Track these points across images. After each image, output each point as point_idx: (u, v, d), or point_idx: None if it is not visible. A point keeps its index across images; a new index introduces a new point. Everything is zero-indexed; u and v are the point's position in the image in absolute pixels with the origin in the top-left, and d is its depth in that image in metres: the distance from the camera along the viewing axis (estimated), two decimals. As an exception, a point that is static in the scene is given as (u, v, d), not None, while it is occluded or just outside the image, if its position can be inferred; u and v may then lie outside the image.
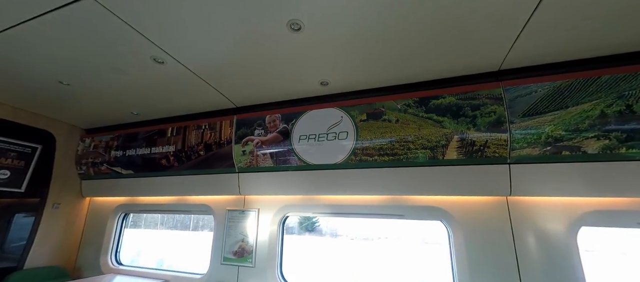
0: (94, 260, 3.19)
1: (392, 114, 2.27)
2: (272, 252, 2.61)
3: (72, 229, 3.32)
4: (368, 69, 2.12)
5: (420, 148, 2.17)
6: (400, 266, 8.26)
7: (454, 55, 1.90)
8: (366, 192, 2.41)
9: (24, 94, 2.57)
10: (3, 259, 2.76)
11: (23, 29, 1.67)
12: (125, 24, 1.61)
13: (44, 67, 2.10)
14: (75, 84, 2.37)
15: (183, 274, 2.90)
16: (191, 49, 1.87)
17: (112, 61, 2.02)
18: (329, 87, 2.41)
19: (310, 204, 2.66)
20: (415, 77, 2.22)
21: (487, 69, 2.06)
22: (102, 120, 3.25)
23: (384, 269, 8.19)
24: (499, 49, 1.81)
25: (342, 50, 1.87)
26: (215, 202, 2.99)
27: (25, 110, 2.92)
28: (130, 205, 3.34)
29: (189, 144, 2.91)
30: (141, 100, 2.71)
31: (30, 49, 1.87)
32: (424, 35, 1.68)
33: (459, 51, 1.85)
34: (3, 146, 2.75)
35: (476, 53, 1.87)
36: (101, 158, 3.27)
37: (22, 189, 2.89)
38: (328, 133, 2.43)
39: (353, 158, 2.37)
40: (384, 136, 2.26)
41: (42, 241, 3.00)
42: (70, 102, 2.74)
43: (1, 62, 2.03)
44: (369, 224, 8.14)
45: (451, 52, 1.87)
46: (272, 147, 2.61)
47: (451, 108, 2.10)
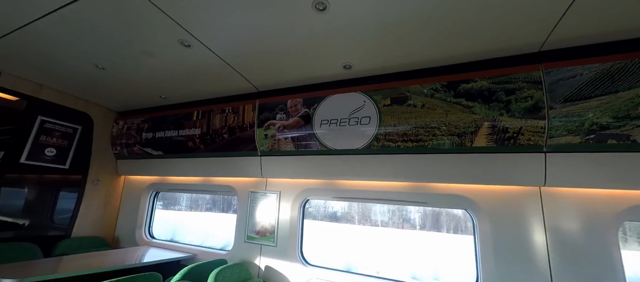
0: (130, 233, 3.47)
1: (418, 99, 2.19)
2: (293, 234, 2.69)
3: (110, 204, 3.61)
4: (394, 52, 2.04)
5: (446, 134, 2.09)
6: (424, 254, 8.23)
7: (490, 36, 1.77)
8: (388, 178, 2.38)
9: (66, 78, 2.76)
10: (53, 229, 3.07)
11: (65, 12, 1.76)
12: (154, 5, 1.65)
13: (82, 51, 2.23)
14: (109, 68, 2.50)
15: (210, 249, 3.08)
16: (216, 32, 1.89)
17: (141, 44, 2.09)
18: (352, 70, 2.36)
19: (331, 189, 2.68)
20: (445, 60, 2.10)
21: (526, 51, 1.90)
22: (134, 104, 3.42)
23: (407, 257, 8.20)
24: (541, 28, 1.66)
25: (368, 31, 1.80)
26: (239, 183, 3.10)
27: (68, 93, 3.14)
28: (161, 184, 3.55)
29: (214, 128, 3.00)
30: (169, 84, 2.81)
31: (71, 32, 1.98)
32: (458, 15, 1.58)
33: (496, 32, 1.72)
34: (50, 126, 3.00)
35: (515, 33, 1.73)
36: (133, 139, 3.47)
37: (67, 166, 3.16)
38: (350, 118, 2.40)
39: (375, 144, 2.33)
40: (408, 122, 2.19)
41: (85, 213, 3.30)
42: (105, 86, 2.90)
43: (47, 44, 2.17)
44: (395, 210, 8.09)
45: (487, 33, 1.74)
46: (294, 131, 2.62)
47: (483, 93, 1.98)
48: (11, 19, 1.88)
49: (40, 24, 1.88)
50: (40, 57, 2.35)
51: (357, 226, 9.89)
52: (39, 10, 1.76)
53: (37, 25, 1.90)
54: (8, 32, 2.01)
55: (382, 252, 8.53)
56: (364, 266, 7.24)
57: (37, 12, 1.78)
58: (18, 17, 1.85)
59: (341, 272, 2.47)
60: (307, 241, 2.78)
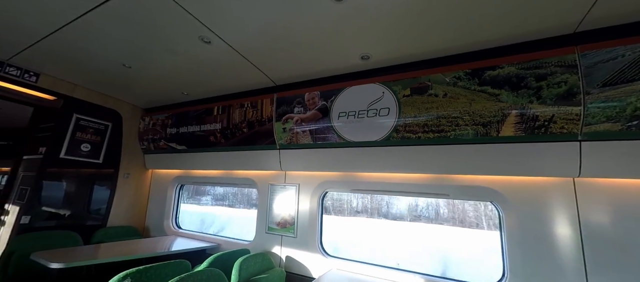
0: (159, 223, 3.67)
1: (440, 88, 2.12)
2: (313, 226, 2.73)
3: (140, 196, 3.83)
4: (414, 40, 1.98)
5: (470, 124, 2.01)
6: (447, 249, 8.07)
7: (519, 18, 1.67)
8: (408, 170, 2.34)
9: (96, 77, 2.92)
10: (90, 219, 3.32)
11: (94, 15, 1.85)
12: (177, 4, 1.70)
13: (110, 51, 2.34)
14: (135, 66, 2.61)
15: (233, 239, 3.20)
16: (235, 27, 1.92)
17: (165, 42, 2.17)
18: (370, 61, 2.32)
19: (350, 181, 2.68)
20: (468, 46, 2.01)
21: (559, 32, 1.77)
22: (158, 100, 3.57)
23: (428, 252, 8.08)
24: (576, 7, 1.54)
25: (386, 20, 1.76)
26: (259, 176, 3.18)
27: (97, 91, 3.33)
28: (185, 177, 3.71)
29: (234, 122, 3.08)
30: (190, 81, 2.90)
31: (100, 34, 2.09)
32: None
33: (525, 13, 1.62)
34: (84, 123, 3.21)
35: (546, 14, 1.61)
36: (159, 135, 3.64)
37: (100, 160, 3.38)
38: (368, 110, 2.37)
39: (395, 135, 2.29)
40: (429, 112, 2.13)
41: (117, 205, 3.52)
42: (132, 84, 3.05)
43: (79, 46, 2.31)
44: (418, 204, 7.94)
45: (515, 16, 1.64)
46: (311, 124, 2.63)
47: (510, 79, 1.88)
48: (46, 24, 2.01)
49: (72, 27, 2.00)
50: (73, 58, 2.50)
51: (376, 220, 9.85)
52: (71, 14, 1.86)
53: (70, 28, 2.01)
54: (44, 36, 2.15)
55: (402, 245, 8.46)
56: (383, 258, 7.25)
57: (70, 16, 1.89)
58: (52, 22, 1.97)
59: (361, 263, 2.49)
60: (325, 235, 2.81)
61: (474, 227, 8.31)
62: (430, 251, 7.89)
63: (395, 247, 8.30)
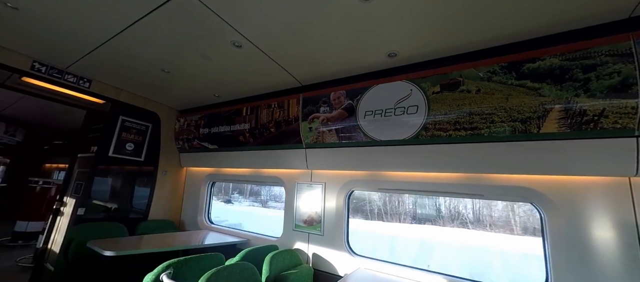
0: (193, 218, 3.90)
1: (472, 84, 2.03)
2: (339, 224, 2.74)
3: (176, 192, 4.10)
4: (444, 35, 1.92)
5: (507, 121, 1.91)
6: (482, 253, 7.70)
7: (561, 5, 1.55)
8: (439, 169, 2.27)
9: (138, 82, 3.18)
10: (133, 212, 3.62)
11: (138, 26, 2.03)
12: (212, 12, 1.80)
13: (152, 58, 2.54)
14: (173, 71, 2.81)
15: (261, 235, 3.31)
16: (264, 30, 1.99)
17: (200, 48, 2.30)
18: (397, 58, 2.28)
19: (377, 180, 2.66)
20: (504, 38, 1.91)
21: (611, 18, 1.62)
22: (192, 102, 3.80)
23: (461, 256, 7.76)
24: (633, -11, 1.40)
25: (414, 15, 1.72)
26: (286, 174, 3.26)
27: (139, 95, 3.62)
28: (216, 175, 3.91)
29: (262, 122, 3.18)
30: (221, 83, 3.05)
31: (143, 42, 2.28)
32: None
33: None
34: (128, 124, 3.52)
35: (596, -1, 1.48)
36: (192, 135, 3.86)
37: (142, 159, 3.67)
38: (395, 108, 2.33)
39: (424, 133, 2.24)
40: (461, 109, 2.05)
41: (156, 200, 3.80)
42: (169, 87, 3.27)
43: (124, 54, 2.53)
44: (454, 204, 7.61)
45: (557, 2, 1.53)
46: (337, 123, 2.65)
47: (553, 71, 1.76)
48: (97, 36, 2.23)
49: (120, 37, 2.20)
50: (120, 65, 2.75)
51: (406, 224, 9.61)
52: (119, 26, 2.05)
53: (118, 39, 2.22)
54: (96, 46, 2.39)
55: (434, 248, 8.18)
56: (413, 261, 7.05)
57: (118, 28, 2.08)
58: (103, 34, 2.19)
59: (389, 263, 2.45)
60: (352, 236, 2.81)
61: (501, 231, 7.76)
62: (459, 254, 7.53)
63: (424, 250, 8.06)
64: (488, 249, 7.77)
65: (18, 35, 2.32)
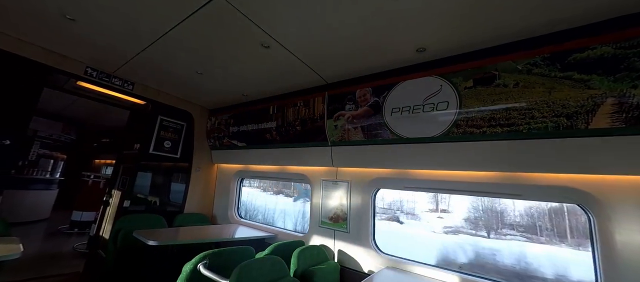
0: (224, 212, 4.11)
1: (510, 77, 1.91)
2: (365, 222, 2.74)
3: (208, 188, 4.34)
4: (476, 27, 1.82)
5: (549, 116, 1.77)
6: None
7: (618, -13, 1.40)
8: (472, 167, 2.17)
9: (174, 83, 3.41)
10: (171, 205, 3.89)
11: (175, 32, 2.17)
12: (243, 15, 1.88)
13: (187, 61, 2.71)
14: (205, 73, 2.97)
15: (288, 231, 3.40)
16: (291, 30, 2.03)
17: (231, 50, 2.41)
18: (426, 53, 2.21)
19: (404, 178, 2.60)
20: (546, 27, 1.77)
21: (678, 0, 1.44)
22: (222, 102, 3.99)
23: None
24: None
25: (445, 8, 1.66)
26: (312, 172, 3.31)
27: (175, 96, 3.87)
28: (245, 171, 4.08)
29: (288, 120, 3.26)
30: (250, 83, 3.17)
31: (180, 46, 2.43)
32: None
33: (628, -20, 1.35)
34: (166, 123, 3.79)
35: (660, -22, 1.32)
36: (223, 133, 4.06)
37: (178, 156, 3.94)
38: (424, 104, 2.27)
39: (455, 130, 2.15)
40: (496, 104, 1.94)
41: (191, 194, 4.06)
42: (202, 88, 3.46)
43: (162, 58, 2.73)
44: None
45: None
46: (363, 121, 2.63)
47: (605, 61, 1.60)
48: (140, 43, 2.43)
49: (159, 43, 2.38)
50: (159, 68, 2.97)
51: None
52: (158, 32, 2.22)
53: (157, 44, 2.40)
54: (138, 52, 2.60)
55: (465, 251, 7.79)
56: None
57: (158, 34, 2.25)
58: (144, 41, 2.38)
59: (418, 264, 2.40)
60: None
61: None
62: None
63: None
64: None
65: (74, 43, 2.59)
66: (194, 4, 1.83)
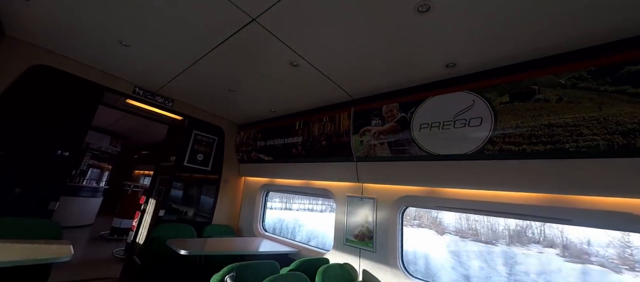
0: (249, 225, 4.19)
1: (551, 92, 1.79)
2: (392, 242, 2.62)
3: (235, 200, 4.48)
4: (511, 40, 1.75)
5: (601, 133, 1.61)
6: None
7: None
8: (510, 188, 2.02)
9: (209, 100, 3.65)
10: (200, 216, 4.05)
11: (213, 54, 2.35)
12: (274, 37, 1.99)
13: (221, 79, 2.90)
14: (237, 90, 3.14)
15: (313, 247, 3.36)
16: (319, 49, 2.11)
17: (261, 69, 2.54)
18: (457, 69, 2.15)
19: (434, 197, 2.48)
20: (593, 38, 1.65)
21: None
22: (251, 117, 4.16)
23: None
24: None
25: (479, 22, 1.62)
26: (336, 187, 3.28)
27: (208, 111, 4.13)
28: (271, 185, 4.16)
29: (313, 135, 3.30)
30: (278, 100, 3.29)
31: (216, 67, 2.62)
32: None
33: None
34: (200, 137, 4.03)
35: None
36: (251, 147, 4.21)
37: (209, 168, 4.13)
38: (455, 120, 2.18)
39: (490, 148, 2.03)
40: (537, 121, 1.81)
41: (219, 206, 4.21)
42: (233, 104, 3.66)
43: (199, 78, 2.95)
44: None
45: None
46: (390, 136, 2.59)
47: (666, 74, 1.44)
48: (179, 65, 2.66)
49: (197, 65, 2.58)
50: (195, 87, 3.20)
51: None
52: (197, 55, 2.42)
53: (196, 66, 2.61)
54: (177, 73, 2.85)
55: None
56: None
57: (196, 57, 2.45)
58: (183, 63, 2.60)
59: (450, 290, 2.23)
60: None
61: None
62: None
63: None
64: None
65: (126, 66, 2.90)
66: (231, 27, 1.98)
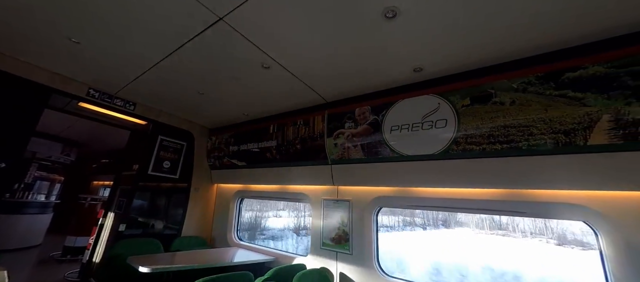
0: (223, 234, 4.01)
1: (506, 96, 1.95)
2: (368, 243, 2.67)
3: (207, 209, 4.26)
4: (471, 48, 1.89)
5: (547, 133, 1.79)
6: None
7: (608, 9, 1.47)
8: (473, 184, 2.16)
9: (176, 103, 3.45)
10: (168, 228, 3.79)
11: (180, 53, 2.23)
12: (244, 38, 1.94)
13: (189, 81, 2.76)
14: (207, 93, 3.01)
15: (289, 254, 3.30)
16: (291, 52, 2.10)
17: (232, 71, 2.47)
18: (423, 73, 2.27)
19: (406, 196, 2.57)
20: (539, 48, 1.83)
21: (662, 21, 1.50)
22: (223, 121, 4.01)
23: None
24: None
25: (441, 30, 1.73)
26: (312, 191, 3.27)
27: (176, 115, 3.90)
28: (245, 191, 4.02)
29: (288, 139, 3.27)
30: (250, 103, 3.21)
31: (183, 68, 2.49)
32: (558, -8, 1.37)
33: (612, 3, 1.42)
34: (166, 143, 3.79)
35: (643, 1, 1.39)
36: (223, 152, 4.05)
37: (177, 176, 3.90)
38: (423, 122, 2.29)
39: (454, 148, 2.16)
40: (494, 122, 1.97)
41: (189, 216, 3.97)
42: (203, 108, 3.50)
43: (165, 79, 2.77)
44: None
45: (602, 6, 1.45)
46: (363, 139, 2.64)
47: (598, 80, 1.64)
48: (143, 64, 2.48)
49: (162, 64, 2.43)
50: (161, 89, 3.01)
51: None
52: (162, 54, 2.28)
53: (160, 65, 2.45)
54: (141, 73, 2.65)
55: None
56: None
57: (161, 56, 2.30)
58: (147, 62, 2.43)
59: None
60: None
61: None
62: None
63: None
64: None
65: (78, 65, 2.64)
66: (196, 28, 1.90)
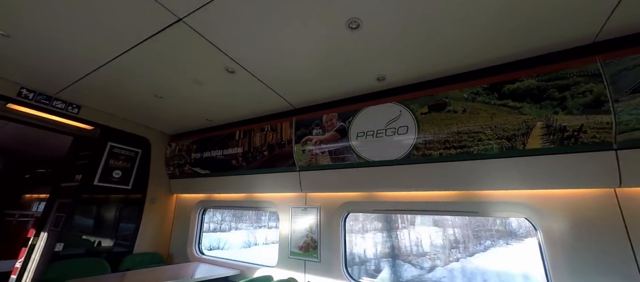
0: (182, 249, 3.71)
1: (458, 104, 2.13)
2: (336, 249, 2.67)
3: (165, 222, 3.92)
4: (429, 60, 2.04)
5: (493, 138, 1.98)
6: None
7: (536, 32, 1.70)
8: (432, 187, 2.30)
9: (130, 107, 3.16)
10: (118, 245, 3.41)
11: (133, 52, 2.06)
12: (205, 39, 1.87)
13: (145, 84, 2.56)
14: (165, 97, 2.82)
15: (256, 265, 3.16)
16: (256, 57, 2.07)
17: (193, 74, 2.35)
18: (386, 82, 2.39)
19: (372, 201, 2.64)
20: (485, 62, 2.05)
21: (578, 43, 1.78)
22: (184, 127, 3.78)
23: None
24: (595, 17, 1.56)
25: (401, 41, 1.84)
26: (280, 199, 3.20)
27: (130, 120, 3.58)
28: (208, 201, 3.79)
29: (255, 146, 3.18)
30: (214, 108, 3.07)
31: (137, 69, 2.30)
32: (498, 13, 1.55)
33: (542, 27, 1.65)
34: (117, 150, 3.43)
35: (564, 26, 1.64)
36: (184, 160, 3.79)
37: (130, 186, 3.54)
38: (386, 129, 2.40)
39: (415, 153, 2.29)
40: (449, 128, 2.13)
41: (144, 231, 3.62)
42: (162, 112, 3.26)
43: (116, 81, 2.54)
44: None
45: (531, 30, 1.68)
46: (330, 145, 2.68)
47: (531, 92, 1.87)
48: (89, 63, 2.24)
49: (112, 64, 2.22)
50: (112, 91, 2.75)
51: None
52: (112, 53, 2.09)
53: (111, 65, 2.24)
54: (87, 73, 2.39)
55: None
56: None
57: (111, 55, 2.11)
58: (95, 61, 2.21)
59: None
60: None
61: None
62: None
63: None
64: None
65: (7, 61, 2.30)
66: (152, 27, 1.78)
